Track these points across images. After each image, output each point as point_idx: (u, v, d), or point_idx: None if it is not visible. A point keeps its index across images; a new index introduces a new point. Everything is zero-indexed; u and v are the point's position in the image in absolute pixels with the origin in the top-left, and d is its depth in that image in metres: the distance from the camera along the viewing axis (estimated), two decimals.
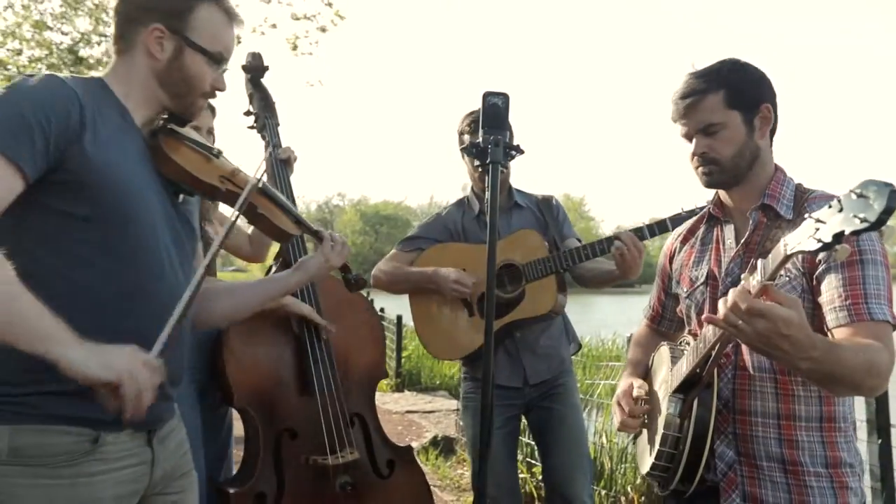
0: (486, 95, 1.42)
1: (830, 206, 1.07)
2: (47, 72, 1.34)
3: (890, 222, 1.05)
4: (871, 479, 3.29)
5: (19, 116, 1.21)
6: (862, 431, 3.30)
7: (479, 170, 1.39)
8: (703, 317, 1.40)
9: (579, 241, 2.68)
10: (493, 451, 2.44)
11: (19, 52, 8.35)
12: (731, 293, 1.26)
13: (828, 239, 1.06)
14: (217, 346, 2.11)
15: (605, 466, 3.95)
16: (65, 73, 1.35)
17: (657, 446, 1.53)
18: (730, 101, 1.55)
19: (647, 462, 1.59)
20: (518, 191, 2.79)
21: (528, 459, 4.12)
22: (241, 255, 2.68)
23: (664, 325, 1.87)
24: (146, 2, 1.39)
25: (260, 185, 1.58)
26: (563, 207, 2.84)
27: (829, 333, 1.44)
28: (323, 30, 8.59)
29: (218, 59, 1.44)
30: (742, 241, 1.60)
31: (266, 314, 2.01)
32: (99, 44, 8.82)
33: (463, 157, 2.67)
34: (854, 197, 1.04)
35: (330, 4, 8.58)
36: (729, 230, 1.65)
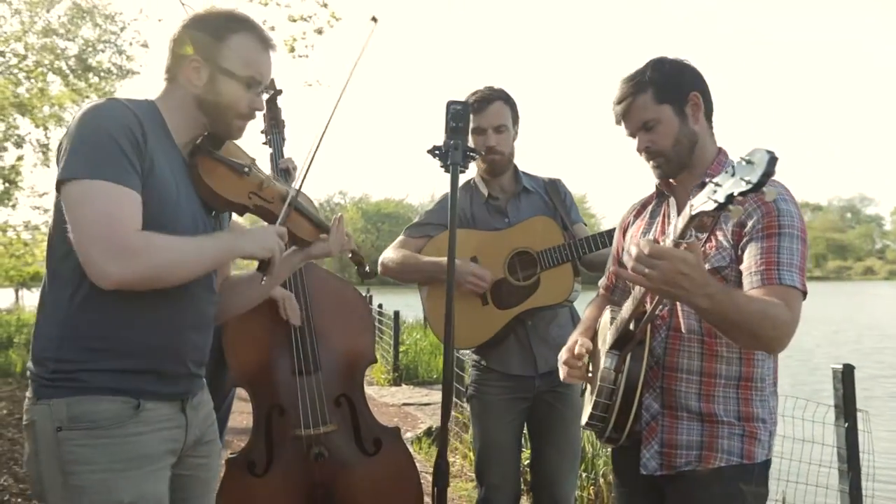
0: (449, 104, 1.59)
1: (727, 172, 1.25)
2: (108, 98, 1.50)
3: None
4: (838, 461, 3.45)
5: (113, 144, 1.39)
6: (830, 415, 3.48)
7: (445, 170, 1.54)
8: (612, 269, 1.54)
9: (585, 225, 2.69)
10: (500, 442, 2.53)
11: (24, 58, 8.55)
12: (634, 246, 1.41)
13: (721, 199, 1.22)
14: (221, 330, 2.32)
15: (587, 451, 4.13)
16: (122, 98, 1.50)
17: (594, 398, 1.69)
18: (658, 98, 1.70)
19: (586, 413, 1.74)
20: (525, 174, 2.74)
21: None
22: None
23: (617, 294, 2.01)
24: (188, 37, 1.54)
25: (291, 202, 1.70)
26: (570, 192, 2.79)
27: None
28: (319, 31, 8.74)
29: (251, 83, 1.57)
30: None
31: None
32: (103, 51, 9.02)
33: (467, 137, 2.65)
34: (744, 163, 1.21)
35: (325, 6, 8.72)
36: (674, 205, 1.81)
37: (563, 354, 1.81)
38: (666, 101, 1.71)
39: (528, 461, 2.81)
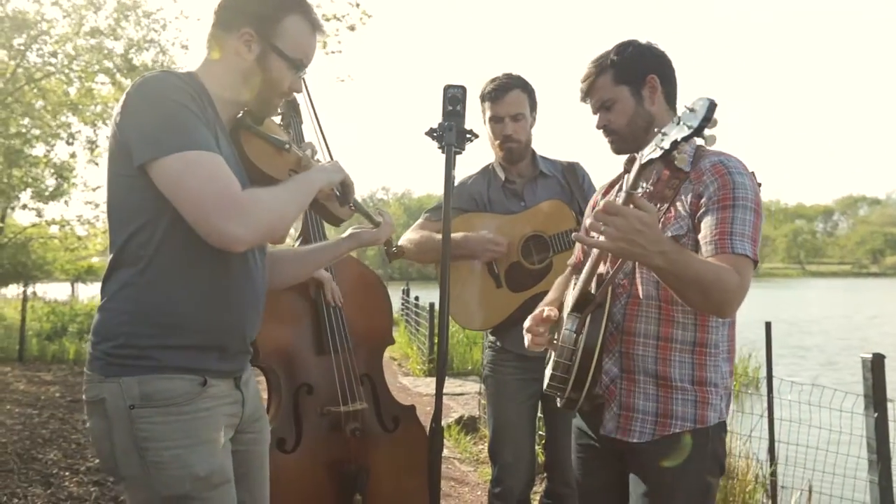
0: (446, 88, 1.66)
1: (673, 121, 1.34)
2: (161, 70, 1.51)
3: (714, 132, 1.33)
4: (867, 451, 3.41)
5: (187, 112, 1.40)
6: (859, 405, 3.44)
7: (441, 151, 1.62)
8: (573, 235, 1.62)
9: None
10: (515, 422, 2.58)
11: (74, 58, 8.91)
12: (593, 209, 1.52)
13: (667, 146, 1.32)
14: None
15: None
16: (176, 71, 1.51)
17: (554, 358, 1.75)
18: (617, 79, 1.79)
19: (547, 375, 1.81)
20: (543, 158, 2.75)
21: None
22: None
23: None
24: (242, 9, 1.54)
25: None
26: (589, 175, 2.79)
27: None
28: (352, 28, 8.88)
29: (298, 65, 1.58)
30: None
31: None
32: (147, 49, 9.35)
33: (485, 125, 2.66)
34: (687, 111, 1.30)
35: (357, 5, 8.85)
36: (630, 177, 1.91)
37: (527, 322, 1.86)
38: (623, 82, 1.79)
39: (542, 442, 2.88)
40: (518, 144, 2.65)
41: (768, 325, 4.08)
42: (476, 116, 2.80)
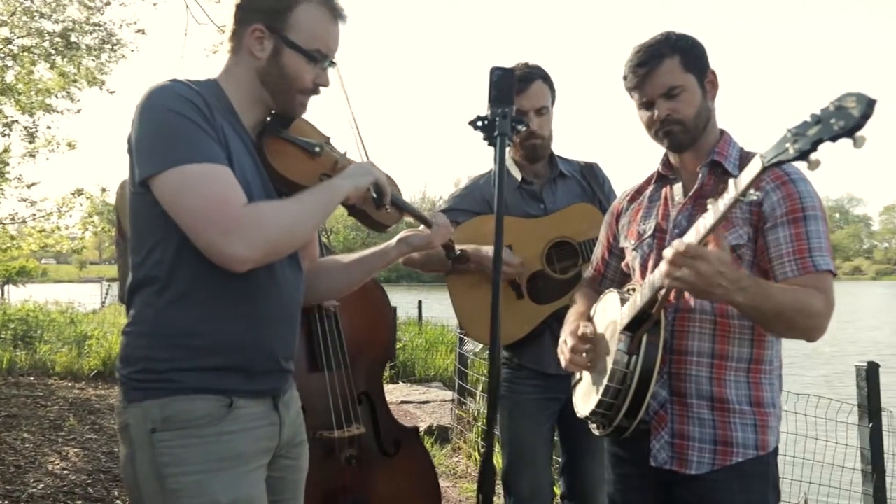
0: (493, 70, 1.44)
1: (807, 121, 1.16)
2: (170, 80, 1.39)
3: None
4: (861, 462, 3.35)
5: (188, 124, 1.32)
6: (854, 415, 3.38)
7: (487, 142, 1.38)
8: (653, 275, 1.48)
9: None
10: (532, 446, 2.36)
11: (9, 42, 8.29)
12: (667, 250, 1.38)
13: (807, 147, 1.15)
14: None
15: None
16: (182, 79, 1.40)
17: (605, 382, 1.58)
18: (685, 65, 1.65)
19: (591, 401, 1.64)
20: (560, 158, 2.55)
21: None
22: None
23: (605, 284, 1.93)
24: (251, 3, 1.44)
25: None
26: (608, 177, 2.60)
27: None
28: None
29: (316, 57, 1.46)
30: (690, 194, 1.70)
31: None
32: (91, 33, 8.78)
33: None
34: (832, 108, 1.13)
35: None
36: (678, 187, 1.75)
37: (568, 340, 1.72)
38: (691, 70, 1.66)
39: (560, 470, 2.59)
40: (542, 141, 2.43)
41: None
42: (475, 110, 2.58)
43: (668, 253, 1.38)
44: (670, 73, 1.64)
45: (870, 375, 3.35)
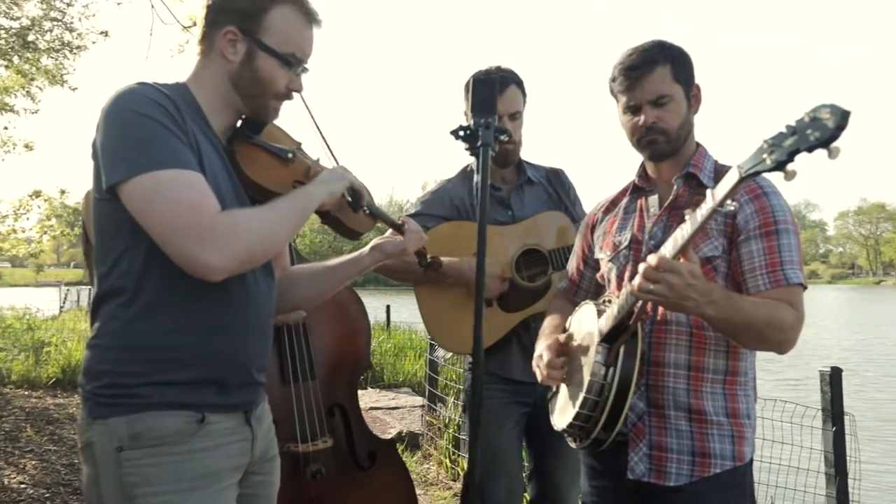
0: (476, 79, 1.42)
1: (783, 133, 1.18)
2: (137, 83, 1.35)
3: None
4: (825, 465, 3.42)
5: (158, 128, 1.28)
6: (818, 420, 3.44)
7: (469, 152, 1.37)
8: (629, 289, 1.49)
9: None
10: (505, 451, 2.36)
11: None
12: (642, 265, 1.40)
13: (783, 158, 1.17)
14: None
15: None
16: (151, 81, 1.36)
17: (582, 394, 1.58)
18: (675, 75, 1.66)
19: (569, 413, 1.64)
20: (528, 164, 2.53)
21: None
22: None
23: (580, 295, 1.94)
24: (223, 4, 1.41)
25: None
26: (573, 185, 2.59)
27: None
28: None
29: (291, 62, 1.43)
30: (665, 205, 1.71)
31: None
32: (50, 30, 8.53)
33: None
34: (807, 120, 1.16)
35: None
36: (653, 199, 1.76)
37: (544, 354, 1.71)
38: (680, 81, 1.67)
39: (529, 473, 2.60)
40: (514, 146, 2.42)
41: None
42: (442, 112, 2.55)
43: (641, 267, 1.40)
44: (661, 80, 1.64)
45: (833, 380, 3.43)
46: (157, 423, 1.30)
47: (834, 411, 3.40)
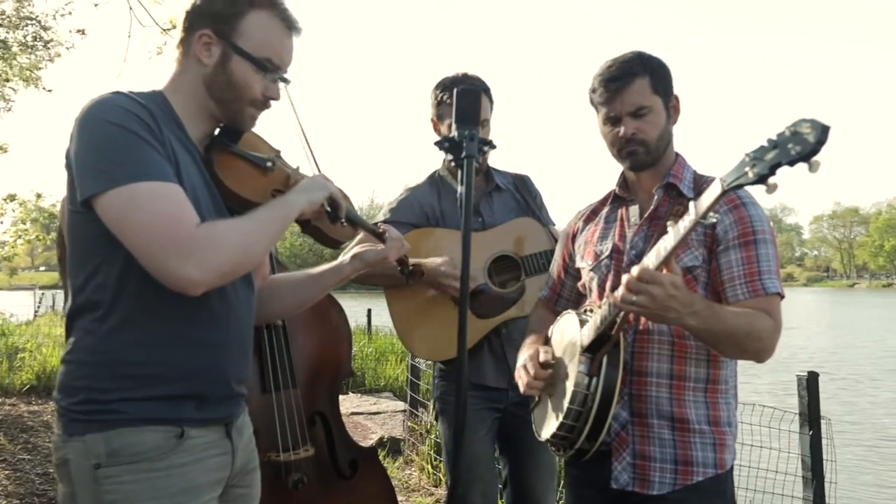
0: (460, 89, 1.41)
1: (764, 146, 1.20)
2: (112, 92, 1.33)
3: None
4: (802, 468, 3.47)
5: (133, 139, 1.25)
6: (795, 424, 3.49)
7: (453, 163, 1.37)
8: (612, 299, 1.50)
9: (555, 226, 2.51)
10: (480, 457, 2.36)
11: None
12: (625, 276, 1.41)
13: (765, 171, 1.18)
14: None
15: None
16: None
17: (566, 405, 1.58)
18: (654, 87, 1.68)
19: (552, 424, 1.65)
20: (495, 170, 2.53)
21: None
22: None
23: (560, 304, 1.95)
24: (200, 8, 1.39)
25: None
26: (539, 191, 2.60)
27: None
28: None
29: (267, 67, 1.41)
30: (646, 215, 1.73)
31: None
32: (20, 27, 8.39)
33: (437, 128, 2.42)
34: (788, 134, 1.17)
35: None
36: (634, 209, 1.78)
37: (527, 364, 1.72)
38: (659, 93, 1.69)
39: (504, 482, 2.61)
40: (484, 154, 2.42)
41: None
42: (421, 116, 2.55)
43: (624, 279, 1.41)
44: (641, 92, 1.66)
45: (810, 385, 3.48)
46: (136, 439, 1.28)
47: (811, 415, 3.46)
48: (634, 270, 1.40)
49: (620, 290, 1.42)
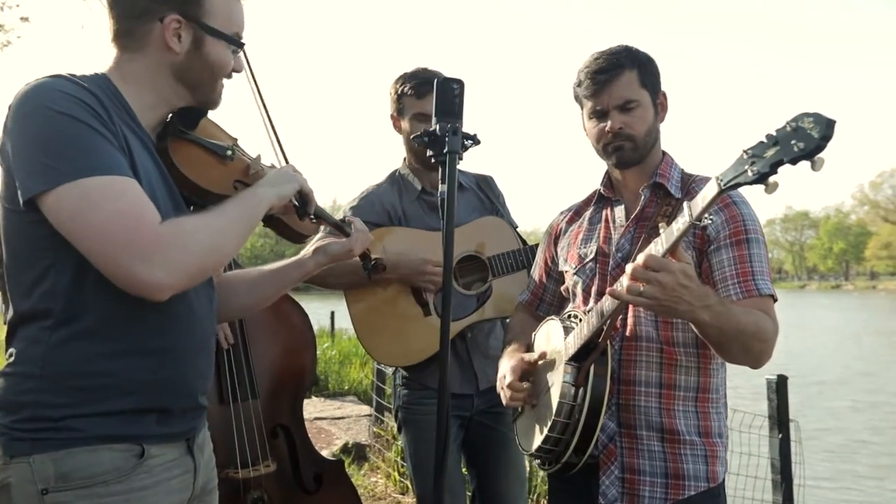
0: (442, 82, 1.33)
1: (763, 143, 1.13)
2: (51, 75, 1.21)
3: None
4: (771, 471, 3.47)
5: (83, 129, 1.15)
6: (764, 428, 3.49)
7: (433, 160, 1.27)
8: (608, 290, 1.42)
9: (517, 227, 2.46)
10: (449, 473, 2.24)
11: None
12: (629, 266, 1.32)
13: (766, 169, 1.11)
14: None
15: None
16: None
17: (552, 417, 1.51)
18: (642, 81, 1.63)
19: (537, 437, 1.57)
20: (458, 170, 2.52)
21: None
22: None
23: (542, 308, 1.88)
24: None
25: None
26: (502, 192, 2.55)
27: None
28: None
29: (237, 41, 1.35)
30: (632, 216, 1.66)
31: None
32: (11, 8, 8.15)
33: (397, 125, 2.36)
34: (789, 129, 1.10)
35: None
36: (619, 209, 1.71)
37: (508, 375, 1.64)
38: (646, 87, 1.63)
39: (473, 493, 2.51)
40: None
41: None
42: (380, 112, 2.45)
43: (628, 268, 1.32)
44: (629, 85, 1.60)
45: (779, 388, 3.47)
46: (90, 460, 1.17)
47: (780, 418, 3.46)
48: (640, 257, 1.30)
49: (625, 280, 1.32)
